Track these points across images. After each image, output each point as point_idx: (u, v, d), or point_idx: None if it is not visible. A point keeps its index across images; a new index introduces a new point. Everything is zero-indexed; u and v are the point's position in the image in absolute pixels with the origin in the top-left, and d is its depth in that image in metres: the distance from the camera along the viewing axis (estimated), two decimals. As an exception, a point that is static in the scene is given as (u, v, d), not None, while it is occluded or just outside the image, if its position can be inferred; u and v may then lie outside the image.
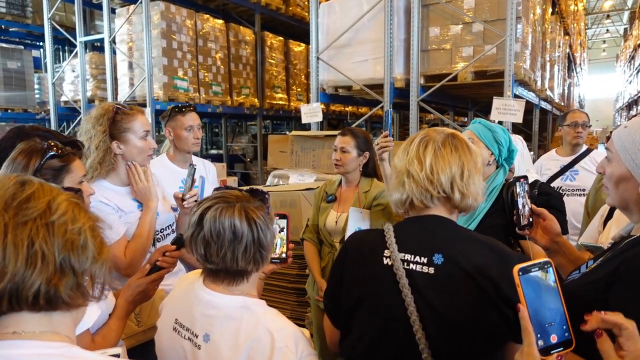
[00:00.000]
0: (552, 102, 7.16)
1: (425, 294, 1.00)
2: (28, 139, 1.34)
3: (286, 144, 4.36)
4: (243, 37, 7.54)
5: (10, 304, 0.65)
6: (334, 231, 2.20)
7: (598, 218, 1.73)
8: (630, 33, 17.55)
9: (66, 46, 10.51)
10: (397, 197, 1.11)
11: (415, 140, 1.11)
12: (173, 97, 6.15)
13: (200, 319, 1.05)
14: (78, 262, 0.69)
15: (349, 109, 10.28)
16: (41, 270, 0.66)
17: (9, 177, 0.72)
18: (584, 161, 2.95)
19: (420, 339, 0.98)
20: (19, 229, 0.66)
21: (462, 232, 1.08)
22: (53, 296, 0.67)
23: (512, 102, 3.76)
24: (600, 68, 28.09)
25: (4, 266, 0.64)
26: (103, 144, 1.59)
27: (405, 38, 4.46)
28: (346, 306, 1.11)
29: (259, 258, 1.06)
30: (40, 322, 0.68)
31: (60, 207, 0.70)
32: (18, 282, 0.64)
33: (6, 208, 0.67)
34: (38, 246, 0.66)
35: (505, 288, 0.96)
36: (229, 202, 1.05)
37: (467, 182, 1.06)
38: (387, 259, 1.06)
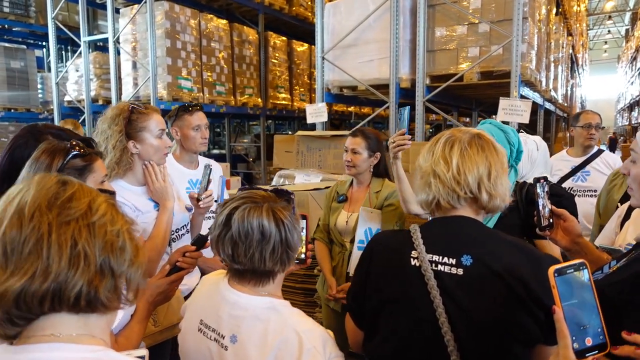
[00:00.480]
0: (555, 103, 7.16)
1: (454, 295, 0.99)
2: (41, 137, 1.34)
3: (292, 144, 4.36)
4: (246, 37, 7.54)
5: (52, 305, 0.65)
6: (344, 231, 2.19)
7: (615, 219, 1.72)
8: (632, 34, 17.55)
9: (69, 46, 10.50)
10: (422, 197, 1.10)
11: (440, 140, 1.11)
12: (177, 97, 6.15)
13: (226, 320, 1.05)
14: (117, 264, 0.69)
15: (351, 109, 10.29)
16: (83, 271, 0.65)
17: (50, 176, 0.72)
18: (596, 162, 2.94)
19: (449, 341, 0.97)
20: (62, 228, 0.65)
21: (490, 233, 1.07)
22: (93, 298, 0.66)
23: (519, 103, 3.76)
24: (602, 69, 28.08)
25: (48, 265, 0.63)
26: (120, 144, 1.59)
27: (411, 38, 4.46)
28: (371, 307, 1.11)
29: (286, 258, 1.06)
30: (77, 324, 0.68)
31: (100, 208, 0.70)
32: (61, 282, 0.64)
33: (50, 207, 0.66)
34: (81, 246, 0.65)
35: (536, 289, 0.95)
36: (256, 202, 1.05)
37: (494, 182, 1.05)
38: (415, 260, 1.05)
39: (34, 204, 0.66)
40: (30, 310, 0.64)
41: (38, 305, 0.64)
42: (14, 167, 1.29)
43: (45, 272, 0.63)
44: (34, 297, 0.63)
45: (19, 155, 1.30)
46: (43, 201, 0.67)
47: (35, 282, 0.62)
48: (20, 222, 0.64)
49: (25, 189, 0.69)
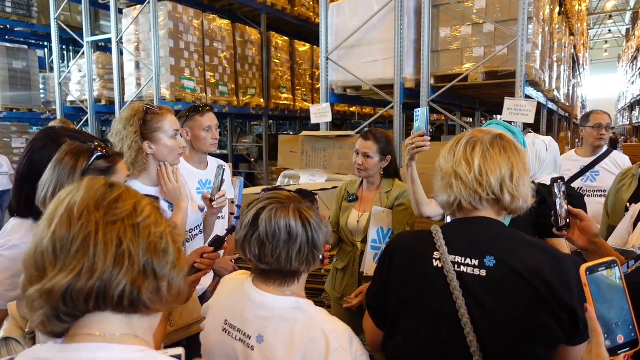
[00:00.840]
0: (558, 103, 7.17)
1: (476, 297, 1.00)
2: (59, 139, 1.35)
3: (297, 144, 4.36)
4: (249, 37, 7.54)
5: (97, 303, 0.66)
6: (355, 231, 2.20)
7: (628, 219, 1.72)
8: (632, 33, 17.55)
9: (70, 46, 10.50)
10: (444, 199, 1.10)
11: (461, 141, 1.10)
12: (180, 98, 6.16)
13: (252, 320, 1.05)
14: (159, 266, 0.70)
15: (353, 109, 10.29)
16: (127, 271, 0.66)
17: (98, 179, 0.74)
18: (605, 162, 2.93)
19: (472, 342, 0.97)
20: (108, 227, 0.67)
21: (512, 234, 1.07)
22: (136, 298, 0.67)
23: (524, 103, 3.77)
24: (602, 68, 28.08)
25: (94, 263, 0.64)
26: (135, 145, 1.60)
27: (416, 38, 4.46)
28: (392, 307, 1.11)
29: (312, 259, 1.07)
30: (121, 324, 0.69)
31: (145, 210, 0.71)
32: (106, 281, 0.65)
33: (97, 207, 0.68)
34: (126, 246, 0.66)
35: (559, 289, 0.95)
36: (282, 202, 1.06)
37: (517, 183, 1.05)
38: (437, 261, 1.05)
39: (82, 204, 0.68)
40: (77, 308, 0.65)
41: (84, 303, 0.65)
42: (33, 170, 1.31)
43: (91, 270, 0.64)
44: (80, 294, 0.64)
45: (37, 158, 1.32)
46: (91, 202, 0.68)
47: (82, 280, 0.64)
48: (69, 221, 0.66)
49: (75, 190, 0.71)
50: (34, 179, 1.29)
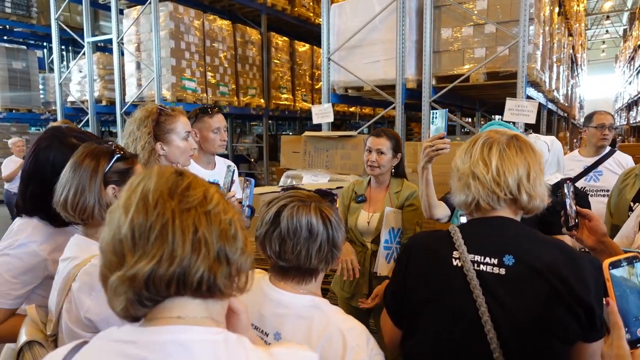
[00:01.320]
0: (557, 103, 7.20)
1: (496, 295, 1.01)
2: (65, 139, 1.37)
3: (299, 144, 4.38)
4: (249, 38, 7.56)
5: (177, 288, 0.67)
6: (365, 231, 2.21)
7: (634, 218, 1.74)
8: (629, 34, 17.62)
9: (70, 46, 10.50)
10: (461, 199, 1.11)
11: (478, 142, 1.12)
12: (181, 98, 6.17)
13: (270, 318, 1.06)
14: (231, 252, 0.71)
15: (352, 109, 10.32)
16: (204, 257, 0.67)
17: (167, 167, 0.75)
18: (608, 162, 2.95)
19: (492, 339, 0.99)
20: (184, 215, 0.68)
21: (530, 233, 1.09)
22: (212, 284, 0.69)
23: (526, 103, 3.79)
24: (600, 69, 28.19)
25: (173, 250, 0.66)
26: (148, 145, 1.62)
27: (417, 39, 4.49)
28: (411, 306, 1.12)
29: (330, 257, 1.08)
30: (200, 307, 0.70)
31: (214, 197, 0.72)
32: (185, 267, 0.66)
33: (171, 195, 0.69)
34: (201, 233, 0.68)
35: (576, 287, 0.97)
36: (303, 200, 1.07)
37: (533, 183, 1.07)
38: (457, 261, 1.07)
39: (156, 192, 0.69)
40: (159, 293, 0.67)
41: (165, 288, 0.66)
42: (39, 169, 1.33)
43: (171, 257, 0.66)
44: (162, 280, 0.66)
45: (43, 157, 1.34)
46: (165, 189, 0.69)
47: (163, 266, 0.65)
48: (146, 209, 0.67)
49: (146, 178, 0.72)
50: (40, 178, 1.31)
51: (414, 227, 2.12)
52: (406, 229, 2.13)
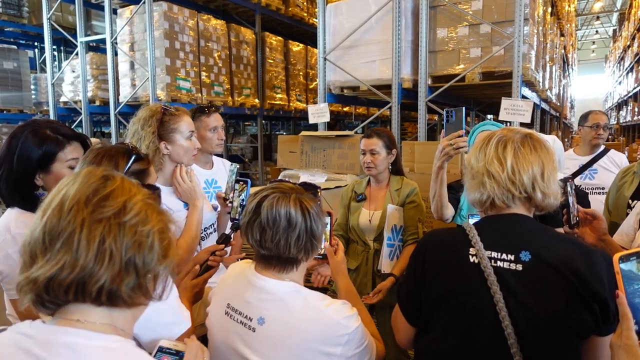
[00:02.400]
0: (550, 103, 7.27)
1: (514, 291, 1.03)
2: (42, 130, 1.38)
3: (296, 144, 4.38)
4: (244, 38, 7.54)
5: (76, 295, 0.69)
6: (367, 229, 2.22)
7: (634, 216, 1.77)
8: (619, 34, 17.82)
9: (62, 46, 10.40)
10: (476, 197, 1.13)
11: (492, 140, 1.13)
12: (175, 98, 6.14)
13: (254, 304, 1.11)
14: (142, 262, 0.72)
15: (346, 109, 10.34)
16: (107, 268, 0.69)
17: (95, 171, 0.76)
18: (603, 160, 3.01)
19: (509, 334, 1.00)
20: (93, 225, 0.69)
21: (545, 229, 1.11)
22: (114, 294, 0.70)
23: (521, 103, 3.82)
24: (590, 69, 28.47)
25: (76, 259, 0.68)
26: (153, 145, 1.61)
27: (413, 39, 4.51)
28: (428, 303, 1.13)
29: (310, 247, 1.12)
30: (101, 314, 0.72)
31: (134, 208, 0.73)
32: (86, 276, 0.68)
33: (86, 203, 0.71)
34: (108, 245, 0.69)
35: (591, 281, 0.99)
36: (284, 192, 1.11)
37: (547, 181, 1.09)
38: (474, 257, 1.08)
39: (74, 198, 0.71)
40: (58, 297, 0.69)
41: (64, 294, 0.69)
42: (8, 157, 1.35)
43: (73, 264, 0.68)
44: (60, 286, 0.68)
45: (14, 144, 1.36)
46: (82, 197, 0.71)
47: (64, 272, 0.67)
48: (59, 215, 0.70)
49: (72, 181, 0.74)
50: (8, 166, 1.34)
51: (416, 224, 2.14)
52: (408, 226, 2.14)
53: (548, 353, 1.02)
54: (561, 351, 1.02)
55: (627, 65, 13.88)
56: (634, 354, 0.81)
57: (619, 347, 0.83)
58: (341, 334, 1.06)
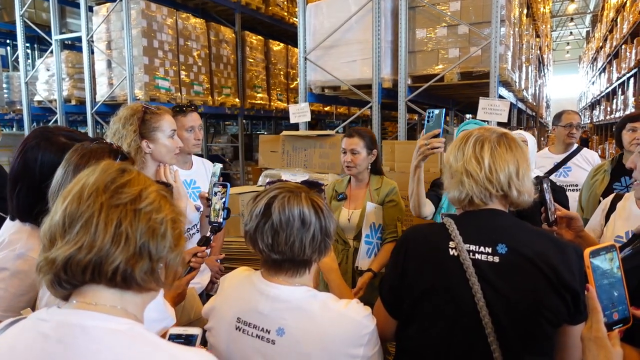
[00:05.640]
0: (526, 102, 7.43)
1: (491, 282, 1.07)
2: (53, 138, 1.33)
3: (277, 143, 4.37)
4: (223, 37, 7.49)
5: (93, 275, 0.73)
6: (347, 228, 2.24)
7: (600, 212, 1.84)
8: (592, 35, 18.30)
9: (35, 44, 10.14)
10: (455, 195, 1.16)
11: (470, 139, 1.16)
12: (154, 97, 6.06)
13: (270, 314, 1.05)
14: (156, 248, 0.76)
15: (327, 108, 10.36)
16: (123, 250, 0.73)
17: (113, 163, 0.81)
18: (576, 158, 3.11)
19: (487, 324, 1.04)
20: (111, 209, 0.74)
21: (520, 224, 1.15)
22: (129, 276, 0.74)
23: (498, 102, 3.90)
24: (564, 69, 29.17)
25: (94, 240, 0.72)
26: (134, 143, 1.60)
27: (393, 39, 4.55)
28: (410, 296, 1.15)
29: (324, 247, 1.08)
30: (113, 297, 0.76)
31: (149, 197, 0.78)
32: (102, 257, 0.72)
33: (105, 190, 0.75)
34: (124, 228, 0.73)
35: (564, 273, 1.04)
36: (293, 191, 1.06)
37: (522, 179, 1.13)
38: (453, 250, 1.11)
39: (93, 186, 0.75)
40: (75, 277, 0.73)
41: (81, 274, 0.72)
42: (27, 169, 1.28)
43: (90, 245, 0.72)
44: (78, 265, 0.72)
45: (31, 157, 1.30)
46: (101, 184, 0.76)
47: (81, 253, 0.71)
48: (79, 200, 0.74)
49: (91, 172, 0.78)
50: (28, 179, 1.27)
51: (395, 222, 2.16)
52: (387, 224, 2.17)
53: (523, 340, 1.06)
54: (536, 339, 1.07)
55: (600, 66, 14.27)
56: (603, 346, 0.84)
57: (589, 340, 0.86)
58: (363, 334, 1.03)
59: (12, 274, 1.23)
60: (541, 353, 1.09)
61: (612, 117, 10.34)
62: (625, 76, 8.98)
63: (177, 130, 2.21)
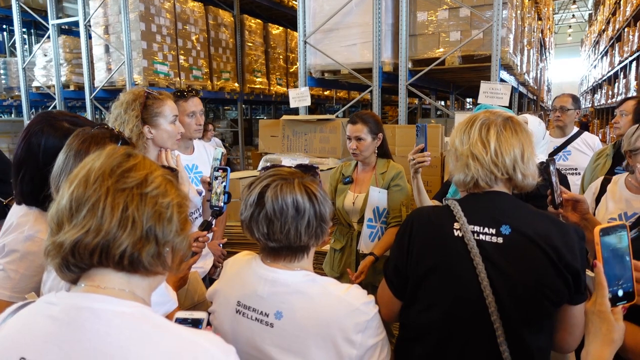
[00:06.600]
0: (527, 86, 7.38)
1: (495, 262, 1.08)
2: (56, 123, 1.33)
3: (277, 128, 4.36)
4: (222, 20, 7.41)
5: (100, 259, 0.73)
6: (352, 211, 2.24)
7: (590, 195, 1.85)
8: (594, 18, 18.09)
9: (32, 29, 10.04)
10: (460, 178, 1.17)
11: (475, 123, 1.17)
12: (153, 82, 6.02)
13: (268, 298, 1.06)
14: (162, 233, 0.76)
15: (327, 93, 10.30)
16: (130, 234, 0.73)
17: (119, 148, 0.80)
18: (576, 142, 3.10)
19: (490, 303, 1.06)
20: (117, 193, 0.74)
21: (524, 206, 1.16)
22: (136, 259, 0.74)
23: (499, 86, 3.87)
24: (566, 52, 28.92)
25: (101, 224, 0.72)
26: (136, 129, 1.59)
27: (393, 22, 4.50)
28: (415, 276, 1.17)
29: (320, 232, 1.08)
30: (121, 280, 0.76)
31: (155, 181, 0.78)
32: (109, 240, 0.73)
33: (111, 174, 0.75)
34: (130, 212, 0.74)
35: (566, 254, 1.06)
36: (285, 178, 1.05)
37: (527, 163, 1.14)
38: (458, 231, 1.13)
39: (99, 170, 0.76)
40: (83, 260, 0.73)
41: (89, 257, 0.73)
42: (31, 154, 1.28)
43: (97, 229, 0.72)
44: (86, 249, 0.72)
45: (35, 142, 1.29)
46: (107, 168, 0.76)
47: (89, 236, 0.72)
48: (86, 184, 0.75)
49: (97, 157, 0.78)
50: (32, 164, 1.27)
51: (399, 207, 2.16)
52: (392, 209, 2.16)
53: (525, 319, 1.08)
54: (537, 317, 1.09)
55: (602, 49, 14.14)
56: (606, 319, 0.87)
57: (593, 313, 0.89)
58: (361, 321, 1.02)
59: (22, 255, 1.24)
60: (542, 331, 1.11)
61: (613, 101, 10.29)
62: (627, 59, 8.90)
63: (178, 115, 2.22)
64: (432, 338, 1.15)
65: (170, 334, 0.73)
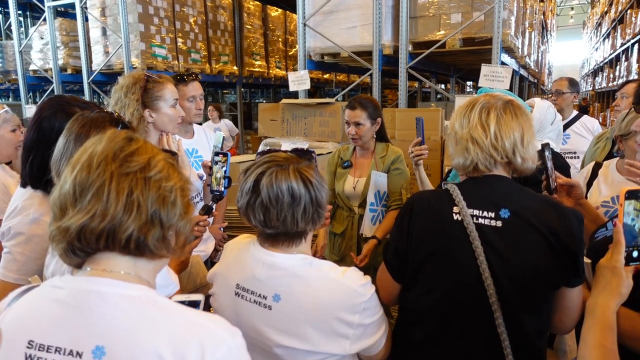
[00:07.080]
0: (528, 69, 7.33)
1: (494, 245, 1.09)
2: (69, 108, 1.32)
3: (277, 112, 4.34)
4: (220, 2, 7.31)
5: (106, 243, 0.74)
6: (352, 196, 2.25)
7: (582, 180, 1.86)
8: (597, 0, 17.86)
9: (28, 11, 9.91)
10: (460, 161, 1.17)
11: (475, 106, 1.16)
12: (151, 66, 5.97)
13: (267, 281, 1.07)
14: (167, 216, 0.77)
15: (326, 76, 10.23)
16: (135, 218, 0.74)
17: (120, 132, 0.80)
18: (575, 125, 3.10)
19: (489, 286, 1.07)
20: (121, 178, 0.74)
21: (522, 190, 1.16)
22: (142, 243, 0.75)
23: (500, 69, 3.85)
24: (568, 35, 28.60)
25: (106, 209, 0.72)
26: (137, 112, 1.59)
27: (394, 4, 4.45)
28: (414, 259, 1.18)
29: (317, 217, 1.08)
30: (127, 264, 0.77)
31: (158, 165, 0.78)
32: (115, 225, 0.73)
33: (114, 158, 0.75)
34: (136, 196, 0.74)
35: (564, 238, 1.06)
36: (281, 165, 1.05)
37: (526, 147, 1.14)
38: (457, 215, 1.13)
39: (102, 154, 0.75)
40: (89, 245, 0.74)
41: (95, 242, 0.73)
42: (43, 139, 1.29)
43: (103, 214, 0.72)
44: (92, 233, 0.73)
45: (47, 126, 1.30)
46: (110, 153, 0.76)
47: (95, 221, 0.72)
48: (89, 169, 0.74)
49: (98, 141, 0.78)
50: (44, 147, 1.27)
51: (399, 190, 2.17)
52: (392, 192, 2.18)
53: (523, 302, 1.09)
54: (535, 300, 1.10)
55: (604, 32, 13.99)
56: (617, 274, 0.93)
57: (606, 267, 0.95)
58: (358, 302, 1.04)
59: (27, 238, 1.25)
60: (540, 314, 1.12)
61: (614, 85, 10.22)
62: (629, 42, 8.82)
63: (178, 99, 2.21)
64: (432, 321, 1.16)
65: (176, 316, 0.74)
